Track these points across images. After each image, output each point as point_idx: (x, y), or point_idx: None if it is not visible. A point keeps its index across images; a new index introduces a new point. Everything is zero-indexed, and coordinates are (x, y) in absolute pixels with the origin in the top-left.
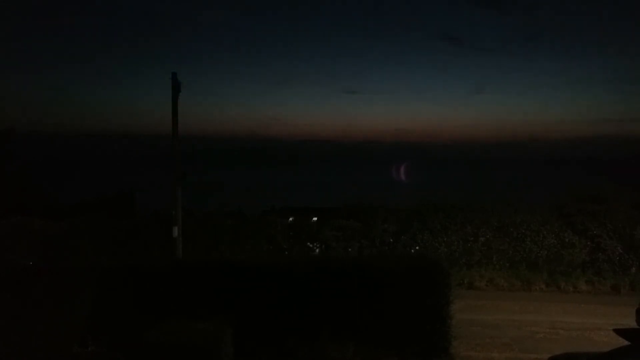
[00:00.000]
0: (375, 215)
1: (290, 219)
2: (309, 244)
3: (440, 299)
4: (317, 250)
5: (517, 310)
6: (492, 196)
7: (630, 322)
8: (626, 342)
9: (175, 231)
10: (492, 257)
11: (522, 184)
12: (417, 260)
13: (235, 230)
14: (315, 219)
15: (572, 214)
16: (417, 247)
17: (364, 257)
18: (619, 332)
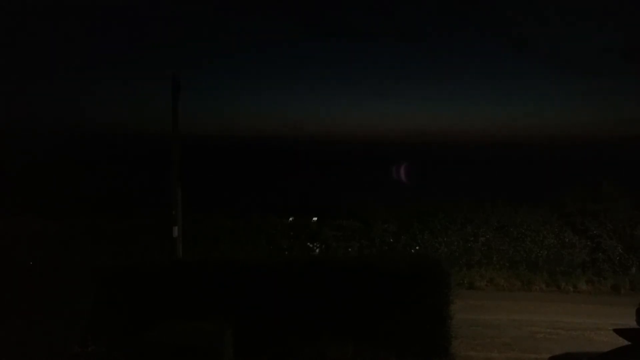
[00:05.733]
0: (375, 215)
1: (290, 218)
2: (309, 243)
3: (441, 299)
4: (317, 250)
5: (517, 310)
6: (492, 196)
7: (630, 322)
8: (626, 342)
9: (175, 231)
10: (492, 257)
11: (523, 184)
12: (418, 260)
13: (235, 230)
14: (315, 218)
15: (572, 214)
16: (417, 247)
17: (364, 256)
18: (619, 332)
